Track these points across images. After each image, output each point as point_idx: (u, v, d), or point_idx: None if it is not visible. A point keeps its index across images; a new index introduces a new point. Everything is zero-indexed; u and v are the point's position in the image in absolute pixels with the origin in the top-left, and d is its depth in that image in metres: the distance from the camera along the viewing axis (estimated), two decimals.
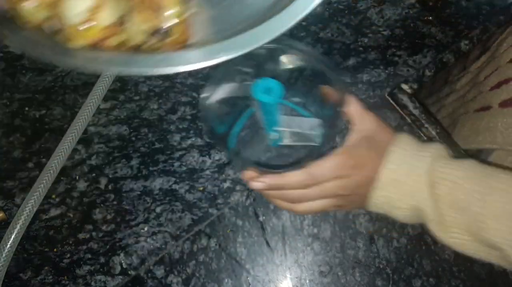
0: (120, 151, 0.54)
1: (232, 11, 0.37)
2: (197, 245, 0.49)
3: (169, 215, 0.50)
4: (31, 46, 0.33)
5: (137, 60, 0.32)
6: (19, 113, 0.57)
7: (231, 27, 0.35)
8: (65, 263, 0.49)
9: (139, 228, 0.50)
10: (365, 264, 0.47)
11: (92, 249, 0.50)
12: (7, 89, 0.58)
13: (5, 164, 0.54)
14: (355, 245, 0.48)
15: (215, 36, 0.34)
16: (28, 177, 0.53)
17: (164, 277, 0.48)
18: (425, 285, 0.46)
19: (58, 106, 0.57)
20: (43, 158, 0.54)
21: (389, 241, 0.48)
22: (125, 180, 0.52)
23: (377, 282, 0.47)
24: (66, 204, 0.52)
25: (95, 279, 0.48)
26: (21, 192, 0.52)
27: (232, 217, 0.50)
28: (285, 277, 0.48)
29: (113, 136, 0.55)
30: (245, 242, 0.49)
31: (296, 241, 0.49)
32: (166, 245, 0.49)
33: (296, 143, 0.46)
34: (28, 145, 0.55)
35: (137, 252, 0.49)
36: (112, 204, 0.51)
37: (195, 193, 0.51)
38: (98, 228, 0.50)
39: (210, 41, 0.33)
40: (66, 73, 0.59)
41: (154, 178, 0.52)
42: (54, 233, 0.51)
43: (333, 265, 0.48)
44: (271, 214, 0.50)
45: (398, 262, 0.47)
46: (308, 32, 0.58)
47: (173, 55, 0.33)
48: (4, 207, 0.52)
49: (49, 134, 0.55)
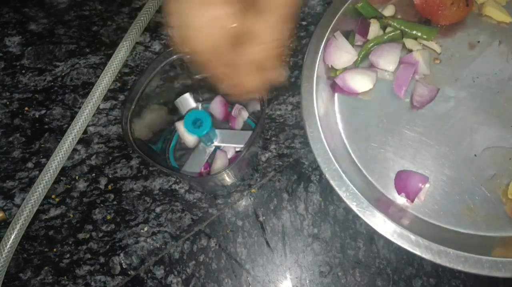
0: (120, 151, 0.54)
1: None
2: (197, 245, 0.49)
3: (169, 215, 0.50)
4: None
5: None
6: (19, 113, 0.57)
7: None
8: (65, 263, 0.49)
9: (139, 228, 0.50)
10: (365, 264, 0.47)
11: (92, 249, 0.50)
12: (7, 89, 0.58)
13: (5, 164, 0.54)
14: (355, 245, 0.48)
15: None
16: (28, 177, 0.53)
17: (164, 277, 0.48)
18: (425, 285, 0.46)
19: (58, 106, 0.57)
20: (43, 158, 0.54)
21: (390, 241, 0.48)
22: (125, 180, 0.52)
23: (377, 282, 0.47)
24: (66, 204, 0.52)
25: (95, 279, 0.48)
26: (21, 192, 0.52)
27: (232, 217, 0.50)
28: (285, 278, 0.48)
29: (113, 136, 0.55)
30: (245, 242, 0.49)
31: (296, 241, 0.49)
32: (166, 245, 0.49)
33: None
34: (28, 145, 0.55)
35: (137, 252, 0.49)
36: (112, 204, 0.51)
37: (195, 193, 0.51)
38: (98, 228, 0.50)
39: None
40: (66, 73, 0.59)
41: (154, 178, 0.52)
42: (54, 233, 0.50)
43: (333, 265, 0.48)
44: (271, 214, 0.50)
45: (398, 262, 0.47)
46: (308, 32, 0.58)
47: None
48: (4, 207, 0.52)
49: (49, 134, 0.55)
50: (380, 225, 0.40)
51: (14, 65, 0.59)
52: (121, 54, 0.57)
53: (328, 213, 0.49)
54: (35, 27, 0.62)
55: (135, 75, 0.58)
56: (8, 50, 0.60)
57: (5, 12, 0.63)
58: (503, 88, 0.49)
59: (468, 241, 0.42)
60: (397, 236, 0.40)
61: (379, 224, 0.40)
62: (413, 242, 0.40)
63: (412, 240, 0.40)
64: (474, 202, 0.45)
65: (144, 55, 0.59)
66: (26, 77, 0.59)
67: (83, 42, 0.60)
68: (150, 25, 0.61)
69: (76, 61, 0.59)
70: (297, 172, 0.51)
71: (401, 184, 0.45)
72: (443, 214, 0.44)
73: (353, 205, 0.41)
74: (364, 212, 0.41)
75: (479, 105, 0.48)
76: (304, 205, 0.50)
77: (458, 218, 0.44)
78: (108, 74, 0.56)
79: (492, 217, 0.44)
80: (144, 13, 0.59)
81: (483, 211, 0.44)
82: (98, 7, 0.63)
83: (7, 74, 0.59)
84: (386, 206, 0.44)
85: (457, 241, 0.42)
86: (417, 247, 0.39)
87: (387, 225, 0.40)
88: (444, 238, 0.41)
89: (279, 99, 0.55)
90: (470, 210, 0.44)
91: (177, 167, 0.52)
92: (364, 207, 0.41)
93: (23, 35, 0.61)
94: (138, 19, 0.59)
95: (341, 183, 0.42)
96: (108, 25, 0.61)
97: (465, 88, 0.49)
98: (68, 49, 0.60)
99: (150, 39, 0.60)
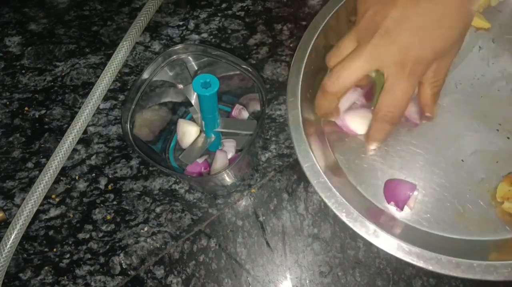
0: (120, 151, 0.54)
1: None
2: (197, 245, 0.49)
3: (169, 215, 0.50)
4: None
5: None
6: (19, 113, 0.57)
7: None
8: (65, 263, 0.49)
9: (139, 228, 0.50)
10: (365, 264, 0.47)
11: (92, 249, 0.50)
12: (7, 89, 0.58)
13: (5, 164, 0.54)
14: (355, 245, 0.48)
15: None
16: (28, 177, 0.53)
17: (164, 277, 0.48)
18: (425, 285, 0.46)
19: (58, 106, 0.57)
20: (43, 158, 0.54)
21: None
22: (125, 180, 0.52)
23: (377, 282, 0.47)
24: (66, 204, 0.52)
25: (95, 279, 0.48)
26: (21, 192, 0.52)
27: (232, 217, 0.50)
28: (285, 278, 0.48)
29: (113, 136, 0.55)
30: (245, 242, 0.49)
31: (296, 241, 0.49)
32: (166, 245, 0.49)
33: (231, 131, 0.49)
34: (28, 145, 0.55)
35: (137, 252, 0.49)
36: (112, 204, 0.51)
37: (195, 193, 0.51)
38: (98, 228, 0.50)
39: None
40: (66, 73, 0.59)
41: (154, 178, 0.52)
42: (54, 233, 0.50)
43: (333, 265, 0.48)
44: (271, 214, 0.50)
45: (398, 262, 0.47)
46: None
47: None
48: (4, 207, 0.52)
49: (49, 134, 0.55)
50: (371, 235, 0.40)
51: (14, 65, 0.59)
52: (121, 54, 0.57)
53: (328, 213, 0.49)
54: (35, 27, 0.62)
55: (135, 75, 0.58)
56: (8, 50, 0.60)
57: (5, 12, 0.63)
58: (486, 92, 0.49)
59: (463, 247, 0.43)
60: (388, 245, 0.40)
61: (370, 233, 0.40)
62: (406, 251, 0.40)
63: (404, 249, 0.40)
64: (464, 208, 0.45)
65: (144, 55, 0.59)
66: (26, 77, 0.59)
67: (83, 42, 0.61)
68: (150, 25, 0.61)
69: (76, 61, 0.59)
70: (297, 172, 0.51)
71: (390, 192, 0.45)
72: (435, 221, 0.44)
73: (343, 216, 0.41)
74: (354, 222, 0.41)
75: (463, 111, 0.49)
76: (304, 205, 0.50)
77: (450, 224, 0.44)
78: (108, 74, 0.56)
79: (484, 221, 0.44)
80: (144, 13, 0.59)
81: (474, 216, 0.44)
82: (98, 7, 0.63)
83: (7, 74, 0.59)
84: (377, 216, 0.44)
85: (452, 247, 0.42)
86: (408, 255, 0.39)
87: (378, 234, 0.40)
88: (437, 245, 0.41)
89: (279, 99, 0.55)
90: (461, 215, 0.44)
91: (177, 167, 0.52)
92: (354, 218, 0.41)
93: (23, 35, 0.61)
94: (138, 19, 0.59)
95: (330, 194, 0.42)
96: (108, 25, 0.61)
97: (449, 94, 0.50)
98: (68, 49, 0.60)
99: (150, 39, 0.60)
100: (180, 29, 0.61)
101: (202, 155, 0.51)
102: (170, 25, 0.61)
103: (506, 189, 0.44)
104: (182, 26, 0.61)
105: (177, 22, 0.61)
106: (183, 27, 0.61)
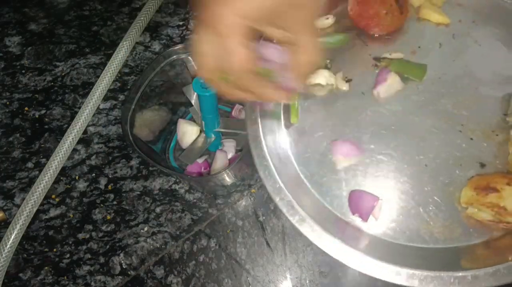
0: (120, 151, 0.54)
1: None
2: (197, 245, 0.49)
3: (169, 215, 0.50)
4: None
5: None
6: (19, 113, 0.57)
7: None
8: (65, 263, 0.49)
9: (139, 228, 0.50)
10: None
11: (92, 249, 0.50)
12: (7, 89, 0.58)
13: (5, 164, 0.54)
14: None
15: None
16: (28, 177, 0.53)
17: (164, 277, 0.48)
18: None
19: (58, 106, 0.57)
20: (43, 158, 0.54)
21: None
22: (125, 180, 0.52)
23: (377, 282, 0.47)
24: (66, 204, 0.52)
25: (95, 279, 0.48)
26: (21, 192, 0.52)
27: (232, 217, 0.50)
28: (285, 278, 0.48)
29: (113, 136, 0.55)
30: (245, 242, 0.49)
31: (296, 241, 0.49)
32: (166, 245, 0.49)
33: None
34: (28, 145, 0.55)
35: (137, 252, 0.49)
36: (112, 204, 0.51)
37: (195, 193, 0.51)
38: (98, 228, 0.50)
39: None
40: (66, 73, 0.59)
41: (154, 178, 0.52)
42: (54, 233, 0.50)
43: (333, 265, 0.48)
44: (271, 214, 0.50)
45: None
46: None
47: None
48: (4, 207, 0.52)
49: (49, 134, 0.55)
50: (337, 251, 0.40)
51: (14, 65, 0.59)
52: (121, 54, 0.57)
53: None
54: (35, 27, 0.62)
55: (135, 75, 0.58)
56: (8, 50, 0.60)
57: (5, 12, 0.63)
58: (449, 91, 0.47)
59: (433, 256, 0.41)
60: (355, 262, 0.39)
61: (334, 249, 0.40)
62: (373, 266, 0.39)
63: (371, 264, 0.39)
64: (429, 214, 0.43)
65: (144, 55, 0.59)
66: (26, 77, 0.59)
67: (83, 42, 0.61)
68: (150, 25, 0.61)
69: (76, 61, 0.59)
70: None
71: (354, 204, 0.44)
72: (400, 230, 0.42)
73: (308, 233, 0.40)
74: (319, 239, 0.40)
75: (426, 112, 0.46)
76: None
77: (416, 232, 0.42)
78: (108, 74, 0.56)
79: (449, 227, 0.42)
80: (144, 13, 0.59)
81: (439, 222, 0.42)
82: (98, 7, 0.63)
83: (7, 74, 0.59)
84: (342, 229, 0.43)
85: (422, 257, 0.40)
86: (375, 270, 0.39)
87: (344, 250, 0.39)
88: (405, 255, 0.40)
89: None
90: (426, 223, 0.43)
91: (177, 167, 0.52)
92: (319, 235, 0.40)
93: (23, 35, 0.61)
94: (138, 19, 0.59)
95: (294, 212, 0.41)
96: (108, 25, 0.61)
97: (410, 96, 0.47)
98: (68, 49, 0.60)
99: (150, 39, 0.60)
100: (180, 29, 0.61)
101: (202, 155, 0.51)
102: (170, 25, 0.61)
103: (470, 194, 0.42)
104: (182, 26, 0.61)
105: (177, 22, 0.61)
106: (183, 27, 0.61)
